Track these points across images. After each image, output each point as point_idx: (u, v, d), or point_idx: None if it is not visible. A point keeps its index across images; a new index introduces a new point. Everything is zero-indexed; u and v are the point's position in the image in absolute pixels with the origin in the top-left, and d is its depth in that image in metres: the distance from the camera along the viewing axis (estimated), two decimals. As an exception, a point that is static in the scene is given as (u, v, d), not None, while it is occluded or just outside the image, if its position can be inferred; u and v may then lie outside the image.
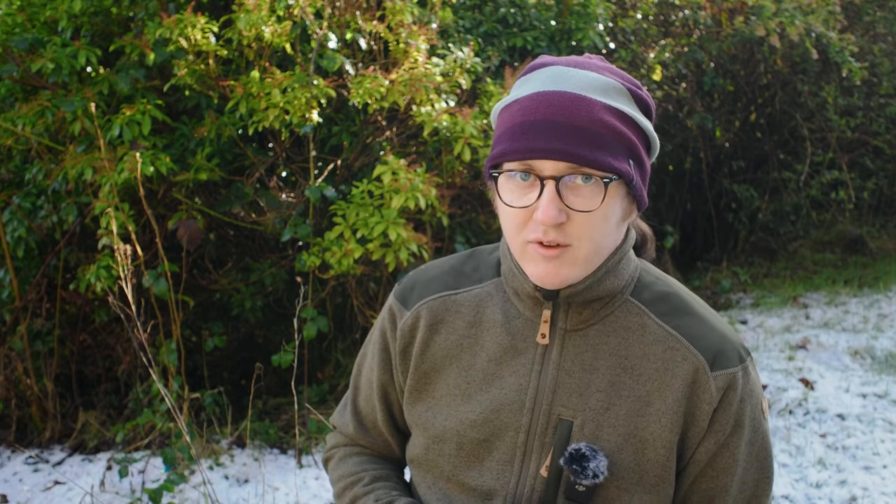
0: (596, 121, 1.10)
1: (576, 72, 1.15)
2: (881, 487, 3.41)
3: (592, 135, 1.10)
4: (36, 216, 3.97)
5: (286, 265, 4.07)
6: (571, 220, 1.12)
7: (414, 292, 1.35)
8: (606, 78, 1.15)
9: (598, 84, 1.13)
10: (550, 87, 1.13)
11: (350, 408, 1.46)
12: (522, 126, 1.11)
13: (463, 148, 3.62)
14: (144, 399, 3.82)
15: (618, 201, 1.15)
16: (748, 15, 5.75)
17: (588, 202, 1.11)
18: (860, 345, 4.99)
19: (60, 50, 3.54)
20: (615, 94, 1.14)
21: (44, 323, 4.05)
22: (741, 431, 1.20)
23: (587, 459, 1.17)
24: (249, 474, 3.50)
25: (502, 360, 1.26)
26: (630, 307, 1.24)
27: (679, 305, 1.24)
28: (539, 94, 1.13)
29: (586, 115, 1.10)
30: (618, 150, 1.11)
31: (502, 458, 1.24)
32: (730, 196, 6.89)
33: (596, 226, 1.13)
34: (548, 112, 1.10)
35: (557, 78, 1.14)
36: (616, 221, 1.17)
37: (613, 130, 1.11)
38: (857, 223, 7.98)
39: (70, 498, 3.36)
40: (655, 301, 1.24)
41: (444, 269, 1.36)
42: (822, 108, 6.69)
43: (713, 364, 1.19)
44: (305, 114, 3.47)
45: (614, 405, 1.20)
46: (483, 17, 4.93)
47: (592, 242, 1.15)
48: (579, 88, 1.12)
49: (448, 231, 4.15)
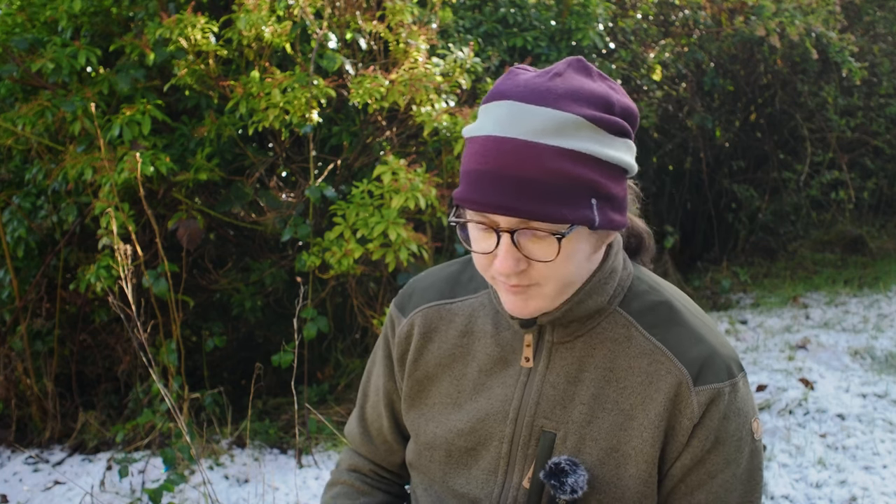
0: (546, 171, 1.03)
1: (531, 110, 1.06)
2: (881, 487, 3.41)
3: (542, 186, 1.04)
4: (36, 216, 3.97)
5: (286, 265, 4.07)
6: (532, 265, 1.10)
7: (412, 300, 1.36)
8: (564, 114, 1.05)
9: (551, 125, 1.05)
10: (500, 131, 1.06)
11: (357, 414, 1.47)
12: (476, 174, 1.07)
13: (463, 148, 3.61)
14: (144, 399, 3.82)
15: (582, 242, 1.11)
16: (748, 15, 5.75)
17: (546, 252, 1.08)
18: (860, 345, 4.99)
19: (60, 50, 3.54)
20: (573, 132, 1.05)
21: (44, 323, 4.05)
22: (721, 449, 1.16)
23: (566, 474, 1.15)
24: (249, 474, 3.50)
25: (492, 371, 1.26)
26: (617, 318, 1.21)
27: (668, 316, 1.21)
28: (489, 139, 1.07)
29: (534, 166, 1.03)
30: (573, 197, 1.05)
31: (487, 467, 1.24)
32: (730, 196, 6.89)
33: (559, 268, 1.10)
34: (496, 162, 1.05)
35: (510, 119, 1.06)
36: (584, 257, 1.13)
37: (567, 177, 1.04)
38: (857, 223, 7.98)
39: (70, 498, 3.36)
40: (645, 312, 1.21)
41: (441, 277, 1.37)
42: (822, 108, 6.69)
43: (697, 378, 1.15)
44: (305, 114, 3.47)
45: (597, 418, 1.18)
46: (483, 17, 4.93)
47: (558, 282, 1.12)
48: (530, 133, 1.04)
49: (448, 231, 4.15)
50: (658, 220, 6.47)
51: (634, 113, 1.14)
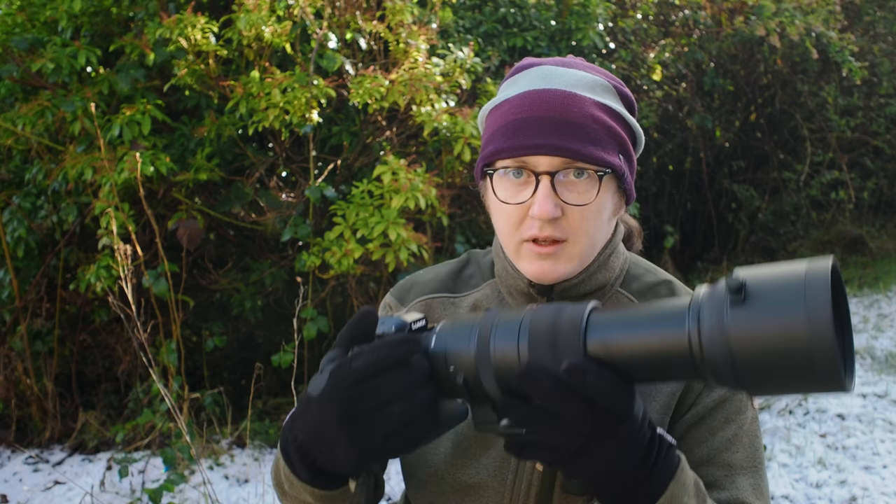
0: (588, 116, 1.12)
1: (564, 70, 1.17)
2: (881, 487, 3.41)
3: (585, 130, 1.11)
4: (36, 216, 3.97)
5: (286, 265, 4.07)
6: (566, 215, 1.14)
7: (411, 292, 1.37)
8: (594, 76, 1.17)
9: (586, 82, 1.16)
10: (541, 85, 1.15)
11: None
12: (515, 124, 1.13)
13: (463, 148, 3.62)
14: (144, 399, 3.82)
15: (610, 195, 1.17)
16: (748, 15, 5.75)
17: (583, 196, 1.13)
18: (860, 345, 4.99)
19: (60, 50, 3.54)
20: (603, 92, 1.16)
21: (44, 323, 4.05)
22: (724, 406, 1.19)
23: None
24: (249, 474, 3.50)
25: None
26: (619, 298, 1.25)
27: (667, 295, 1.25)
28: (530, 92, 1.14)
29: (578, 111, 1.12)
30: (609, 145, 1.13)
31: (499, 454, 1.24)
32: (730, 196, 6.90)
33: (590, 220, 1.15)
34: (540, 109, 1.12)
35: (547, 77, 1.16)
36: (608, 216, 1.18)
37: (604, 126, 1.13)
38: (857, 223, 7.98)
39: (70, 498, 3.36)
40: (645, 291, 1.25)
41: (442, 273, 1.38)
42: (822, 108, 6.70)
43: None
44: (305, 114, 3.47)
45: None
46: (483, 17, 4.93)
47: (587, 237, 1.16)
48: (569, 86, 1.14)
49: (448, 231, 4.16)
50: (658, 220, 6.47)
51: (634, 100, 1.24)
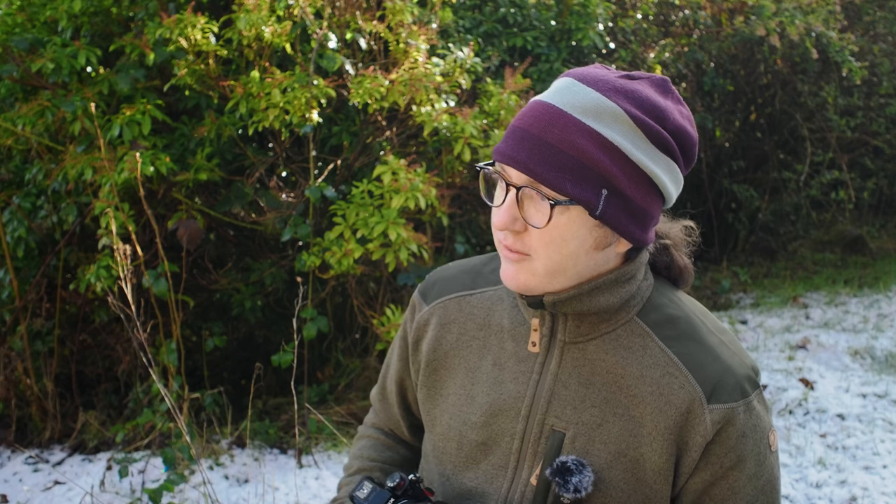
0: (566, 142, 1.08)
1: (580, 88, 1.11)
2: (881, 487, 3.41)
3: (556, 155, 1.08)
4: (36, 216, 3.97)
5: (286, 265, 4.07)
6: (528, 233, 1.13)
7: (434, 289, 1.39)
8: (608, 101, 1.10)
9: (591, 105, 1.09)
10: (548, 97, 1.13)
11: (379, 383, 1.54)
12: (512, 129, 1.14)
13: (463, 148, 3.62)
14: (144, 399, 3.82)
15: (580, 229, 1.12)
16: (748, 15, 5.75)
17: (538, 218, 1.11)
18: (860, 345, 4.99)
19: (60, 50, 3.54)
20: (609, 120, 1.09)
21: (44, 323, 4.05)
22: (743, 466, 1.18)
23: (571, 473, 1.17)
24: (249, 474, 3.50)
25: (505, 365, 1.27)
26: (634, 327, 1.22)
27: (686, 331, 1.21)
28: (536, 102, 1.13)
29: (558, 133, 1.08)
30: (583, 177, 1.08)
31: (497, 462, 1.25)
32: (730, 196, 6.90)
33: (552, 244, 1.12)
34: (529, 122, 1.11)
35: (561, 90, 1.13)
36: (581, 248, 1.14)
37: (585, 156, 1.08)
38: (857, 223, 7.98)
39: (70, 498, 3.36)
40: (663, 323, 1.22)
41: (464, 269, 1.40)
42: (822, 108, 6.70)
43: (710, 397, 1.16)
44: (305, 114, 3.47)
45: (607, 422, 1.20)
46: (483, 17, 4.93)
47: (550, 260, 1.13)
48: (568, 105, 1.10)
49: (448, 231, 4.16)
50: (658, 220, 6.46)
51: (690, 139, 1.15)
